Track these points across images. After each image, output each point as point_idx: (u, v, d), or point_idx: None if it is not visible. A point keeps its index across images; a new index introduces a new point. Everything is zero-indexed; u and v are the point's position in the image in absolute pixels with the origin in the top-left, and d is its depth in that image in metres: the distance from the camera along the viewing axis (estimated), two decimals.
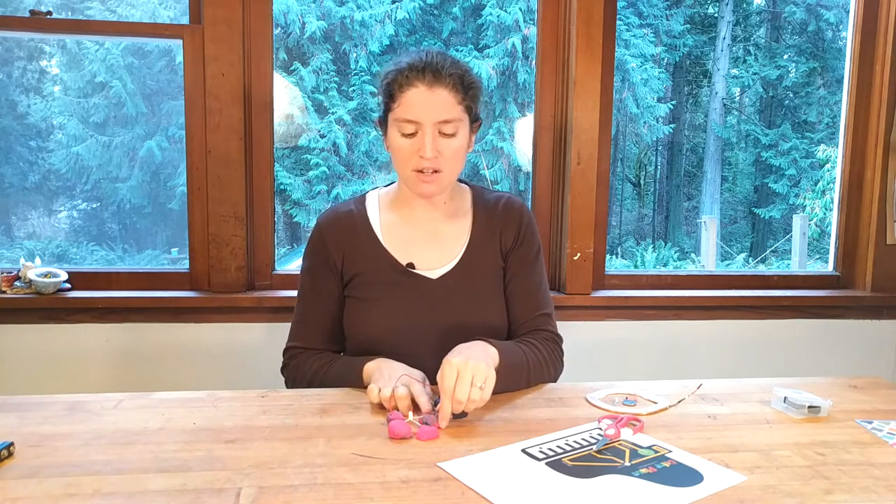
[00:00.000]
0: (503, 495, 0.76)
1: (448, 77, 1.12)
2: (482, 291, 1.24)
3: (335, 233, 1.25)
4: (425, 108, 1.12)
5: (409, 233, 1.25)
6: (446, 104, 1.13)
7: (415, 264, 1.22)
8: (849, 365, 1.98)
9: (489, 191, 1.32)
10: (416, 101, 1.12)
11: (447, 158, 1.16)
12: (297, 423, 0.97)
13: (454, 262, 1.23)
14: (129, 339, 1.73)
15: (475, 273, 1.24)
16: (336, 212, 1.28)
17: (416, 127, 1.13)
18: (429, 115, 1.12)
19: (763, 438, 0.94)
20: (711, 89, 11.53)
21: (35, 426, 0.95)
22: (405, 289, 1.21)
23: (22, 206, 9.14)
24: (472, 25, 9.20)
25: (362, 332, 1.22)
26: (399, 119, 1.14)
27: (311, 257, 1.27)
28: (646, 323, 1.90)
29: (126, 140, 8.61)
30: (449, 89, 1.13)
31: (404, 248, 1.24)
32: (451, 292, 1.22)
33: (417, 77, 1.12)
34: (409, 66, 1.13)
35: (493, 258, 1.26)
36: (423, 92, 1.12)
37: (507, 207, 1.28)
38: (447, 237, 1.26)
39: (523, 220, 1.28)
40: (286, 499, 0.75)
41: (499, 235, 1.26)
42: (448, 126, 1.14)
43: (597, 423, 0.98)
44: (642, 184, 12.40)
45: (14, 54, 8.71)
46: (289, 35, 8.37)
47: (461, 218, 1.28)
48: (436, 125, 1.13)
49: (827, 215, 9.38)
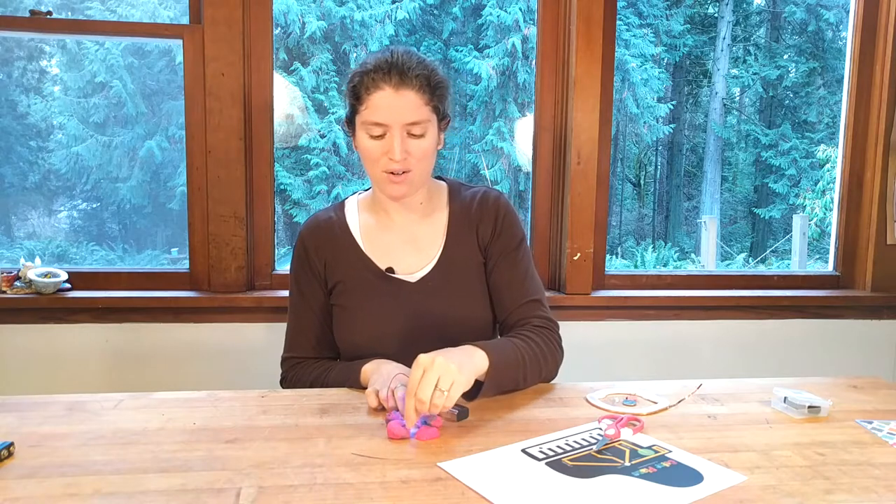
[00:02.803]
0: (503, 495, 0.76)
1: (415, 78, 1.10)
2: (463, 288, 1.22)
3: (316, 241, 1.25)
4: (392, 111, 1.10)
5: (387, 237, 1.24)
6: (413, 106, 1.10)
7: (394, 269, 1.22)
8: (849, 365, 1.98)
9: (466, 185, 1.30)
10: (383, 104, 1.10)
11: (416, 159, 1.14)
12: (297, 423, 0.97)
13: (432, 263, 1.22)
14: (129, 339, 1.73)
15: (454, 271, 1.22)
16: (316, 219, 1.27)
17: (384, 129, 1.11)
18: (396, 117, 1.10)
19: (763, 438, 0.94)
20: (711, 89, 11.54)
21: (35, 426, 0.95)
22: (385, 294, 1.20)
23: (22, 206, 9.14)
24: (472, 25, 9.21)
25: (348, 340, 1.22)
26: (366, 122, 1.12)
27: (296, 267, 1.27)
28: (646, 323, 1.90)
29: (126, 140, 8.62)
30: (416, 90, 1.10)
31: (383, 253, 1.23)
32: (432, 293, 1.20)
33: (383, 79, 1.09)
34: (374, 68, 1.10)
35: (471, 254, 1.24)
36: (389, 94, 1.09)
37: (483, 201, 1.25)
38: (424, 238, 1.24)
39: (500, 211, 1.24)
40: (286, 499, 0.75)
41: (475, 230, 1.24)
42: (416, 127, 1.12)
43: (597, 423, 0.98)
44: (642, 184, 12.41)
45: (14, 54, 8.71)
46: (289, 35, 8.37)
47: (437, 217, 1.26)
48: (403, 127, 1.10)
49: (827, 215, 9.39)
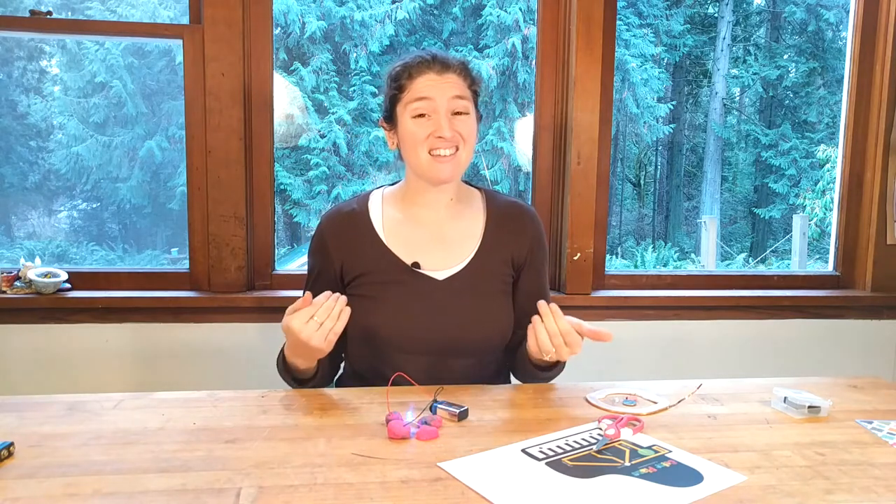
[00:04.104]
0: (503, 495, 0.76)
1: (455, 64, 1.19)
2: (489, 293, 1.23)
3: (336, 233, 1.25)
4: (437, 88, 1.16)
5: (413, 232, 1.24)
6: (457, 84, 1.18)
7: (420, 264, 1.22)
8: (849, 365, 1.98)
9: (501, 195, 1.32)
10: (428, 83, 1.16)
11: (464, 136, 1.17)
12: (297, 423, 0.97)
13: (463, 264, 1.22)
14: (129, 339, 1.73)
15: (484, 277, 1.23)
16: (338, 211, 1.28)
17: (429, 106, 1.15)
18: (442, 93, 1.15)
19: (763, 438, 0.94)
20: (711, 89, 11.54)
21: (35, 426, 0.95)
22: (411, 288, 1.20)
23: (22, 206, 9.14)
24: (472, 25, 9.21)
25: (364, 325, 1.19)
26: (412, 100, 1.16)
27: (312, 257, 1.28)
28: (646, 323, 1.90)
29: (126, 140, 8.62)
30: (457, 74, 1.18)
31: (408, 248, 1.23)
32: (458, 294, 1.21)
33: (427, 66, 1.17)
34: (416, 60, 1.18)
35: (503, 264, 1.25)
36: (433, 76, 1.16)
37: (521, 215, 1.28)
38: (454, 238, 1.25)
39: (536, 230, 1.29)
40: (286, 499, 0.75)
41: (511, 243, 1.26)
42: (460, 103, 1.17)
43: (597, 423, 0.98)
44: (642, 184, 12.41)
45: (14, 54, 8.71)
46: (289, 35, 8.37)
47: (471, 220, 1.27)
48: (449, 101, 1.16)
49: (827, 215, 9.39)
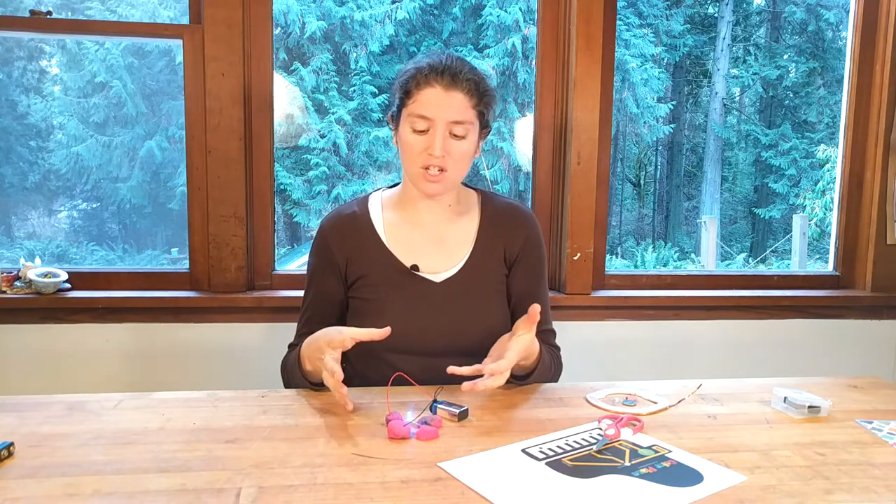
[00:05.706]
0: (503, 495, 0.76)
1: (465, 81, 1.15)
2: (485, 296, 1.24)
3: (337, 235, 1.25)
4: (440, 107, 1.14)
5: (412, 234, 1.25)
6: (460, 106, 1.15)
7: (419, 266, 1.23)
8: (849, 365, 1.98)
9: (499, 196, 1.32)
10: (432, 100, 1.14)
11: (454, 159, 1.17)
12: (297, 423, 0.97)
13: (458, 265, 1.23)
14: (129, 339, 1.73)
15: (478, 277, 1.24)
16: (339, 214, 1.28)
17: (429, 124, 1.15)
18: (442, 114, 1.14)
19: (763, 438, 0.94)
20: (711, 89, 11.53)
21: (35, 426, 0.95)
22: (409, 291, 1.21)
23: (22, 206, 9.14)
24: (472, 25, 9.20)
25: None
26: (413, 114, 1.16)
27: (314, 259, 1.28)
28: (646, 323, 1.90)
29: (126, 140, 8.61)
30: (464, 93, 1.15)
31: (408, 250, 1.24)
32: (455, 296, 1.22)
33: (436, 77, 1.14)
34: (428, 66, 1.15)
35: (496, 264, 1.26)
36: (439, 92, 1.14)
37: (515, 215, 1.29)
38: (452, 240, 1.26)
39: (531, 230, 1.29)
40: (286, 499, 0.75)
41: (504, 242, 1.26)
42: (459, 127, 1.16)
43: (597, 423, 0.98)
44: (642, 184, 12.40)
45: (14, 54, 8.71)
46: (289, 35, 8.36)
47: (466, 220, 1.28)
48: (448, 125, 1.15)
49: (827, 215, 9.38)
